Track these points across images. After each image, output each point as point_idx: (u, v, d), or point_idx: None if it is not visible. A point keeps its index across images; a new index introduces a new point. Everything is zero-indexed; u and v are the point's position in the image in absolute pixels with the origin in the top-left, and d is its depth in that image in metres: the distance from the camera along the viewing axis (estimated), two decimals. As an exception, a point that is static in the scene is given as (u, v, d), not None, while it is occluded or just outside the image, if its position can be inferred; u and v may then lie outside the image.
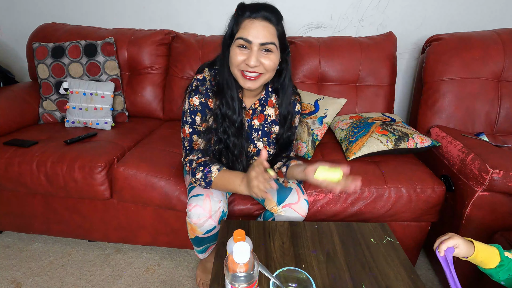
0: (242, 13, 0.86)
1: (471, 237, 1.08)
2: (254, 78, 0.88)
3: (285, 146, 1.06)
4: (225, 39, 0.90)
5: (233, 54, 0.87)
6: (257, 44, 0.84)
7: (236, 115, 0.94)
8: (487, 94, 1.41)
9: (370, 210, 1.15)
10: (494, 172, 0.99)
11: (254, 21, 0.84)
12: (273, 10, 0.87)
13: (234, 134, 0.97)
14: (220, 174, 0.91)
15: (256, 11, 0.84)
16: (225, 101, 0.93)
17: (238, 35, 0.85)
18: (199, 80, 0.94)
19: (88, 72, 1.59)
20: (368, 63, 1.56)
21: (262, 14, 0.84)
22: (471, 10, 1.67)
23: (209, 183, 0.93)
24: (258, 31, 0.84)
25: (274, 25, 0.86)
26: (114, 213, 1.32)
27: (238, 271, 0.60)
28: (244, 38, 0.84)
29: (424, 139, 1.25)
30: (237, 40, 0.85)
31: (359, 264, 0.80)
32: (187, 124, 0.97)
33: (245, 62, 0.86)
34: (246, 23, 0.85)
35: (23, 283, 1.27)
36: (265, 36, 0.84)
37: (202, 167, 0.93)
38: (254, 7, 0.85)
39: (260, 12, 0.84)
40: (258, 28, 0.84)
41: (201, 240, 1.03)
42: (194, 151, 0.97)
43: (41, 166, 1.25)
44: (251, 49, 0.85)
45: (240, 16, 0.86)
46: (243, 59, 0.86)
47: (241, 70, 0.88)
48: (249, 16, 0.85)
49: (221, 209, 0.97)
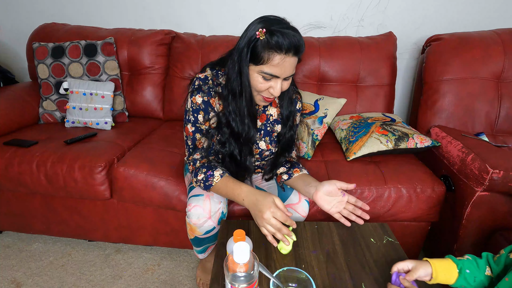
0: (270, 41, 0.77)
1: (470, 238, 1.10)
2: (272, 100, 0.91)
3: (287, 145, 1.06)
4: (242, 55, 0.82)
5: (257, 81, 0.85)
6: (283, 77, 0.84)
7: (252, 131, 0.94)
8: (487, 94, 1.41)
9: (370, 210, 1.14)
10: (494, 172, 0.99)
11: (285, 59, 0.79)
12: (302, 39, 0.81)
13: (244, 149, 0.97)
14: (223, 181, 0.90)
15: (289, 46, 0.77)
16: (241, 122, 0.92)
17: (266, 69, 0.81)
18: (201, 79, 0.94)
19: (88, 72, 1.59)
20: (368, 63, 1.56)
21: (294, 49, 0.79)
22: (471, 10, 1.67)
23: (209, 187, 0.92)
24: (287, 68, 0.82)
25: (299, 55, 0.83)
26: (114, 213, 1.32)
27: (238, 271, 0.60)
28: (273, 75, 0.82)
29: (424, 139, 1.25)
30: (263, 73, 0.82)
31: (359, 264, 0.80)
32: (189, 123, 0.96)
33: (269, 91, 0.86)
34: (276, 60, 0.79)
35: (23, 283, 1.27)
36: (291, 70, 0.83)
37: (205, 169, 0.92)
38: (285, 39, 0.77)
39: (292, 48, 0.78)
40: (288, 66, 0.81)
41: (201, 241, 1.03)
42: (197, 150, 0.97)
43: (41, 166, 1.25)
44: (276, 81, 0.84)
45: (267, 44, 0.78)
46: (267, 86, 0.85)
47: (261, 94, 0.88)
48: (280, 50, 0.78)
49: (221, 210, 0.97)
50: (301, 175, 1.00)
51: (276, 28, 0.78)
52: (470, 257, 0.71)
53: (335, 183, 0.88)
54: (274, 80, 0.84)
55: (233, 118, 0.92)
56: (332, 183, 0.88)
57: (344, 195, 0.89)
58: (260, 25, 0.79)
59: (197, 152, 0.97)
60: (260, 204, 0.81)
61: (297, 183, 0.99)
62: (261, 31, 0.78)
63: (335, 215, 0.90)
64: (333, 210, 0.90)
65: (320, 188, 0.89)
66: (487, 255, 0.71)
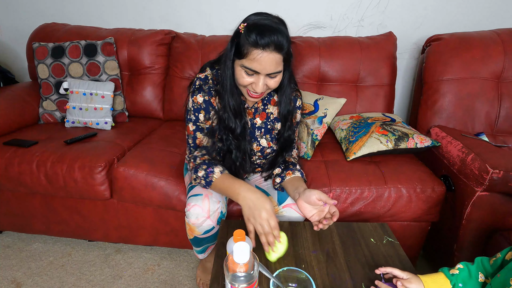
0: (249, 36, 0.78)
1: (471, 238, 1.10)
2: (258, 96, 0.90)
3: (286, 145, 1.06)
4: (229, 51, 0.85)
5: (239, 75, 0.85)
6: (264, 74, 0.83)
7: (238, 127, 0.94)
8: (487, 94, 1.41)
9: (370, 210, 1.15)
10: (494, 172, 0.99)
11: (263, 54, 0.79)
12: (283, 35, 0.79)
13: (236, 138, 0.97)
14: (222, 177, 0.91)
15: (266, 42, 0.77)
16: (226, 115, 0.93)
17: (246, 63, 0.81)
18: (202, 79, 0.95)
19: (88, 72, 1.59)
20: (368, 63, 1.56)
21: (272, 45, 0.78)
22: (471, 10, 1.67)
23: (209, 183, 0.92)
24: (266, 64, 0.80)
25: (282, 53, 0.81)
26: (114, 213, 1.32)
27: (238, 271, 0.60)
28: (253, 69, 0.82)
29: (424, 139, 1.25)
30: (244, 67, 0.82)
31: (359, 264, 0.80)
32: (191, 122, 0.97)
33: (252, 86, 0.86)
34: (254, 54, 0.79)
35: (23, 283, 1.27)
36: (271, 67, 0.81)
37: (206, 166, 0.93)
38: (263, 35, 0.77)
39: (270, 43, 0.77)
40: (267, 61, 0.80)
41: (200, 241, 1.03)
42: (198, 148, 0.98)
43: (41, 166, 1.25)
44: (258, 76, 0.84)
45: (247, 40, 0.79)
46: (250, 81, 0.85)
47: (247, 88, 0.88)
48: (257, 45, 0.78)
49: (220, 210, 0.97)
50: (291, 178, 1.00)
51: (255, 23, 0.80)
52: (463, 265, 0.70)
53: (315, 194, 0.85)
54: (256, 76, 0.84)
55: (223, 111, 0.93)
56: (312, 193, 0.85)
57: (325, 205, 0.87)
58: (245, 20, 0.82)
59: (197, 150, 0.97)
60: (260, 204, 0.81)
61: (287, 186, 0.99)
62: (242, 25, 0.81)
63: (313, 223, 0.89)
64: (313, 217, 0.88)
65: (302, 196, 0.88)
66: (481, 260, 0.70)
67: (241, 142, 0.98)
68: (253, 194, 0.83)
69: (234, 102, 0.92)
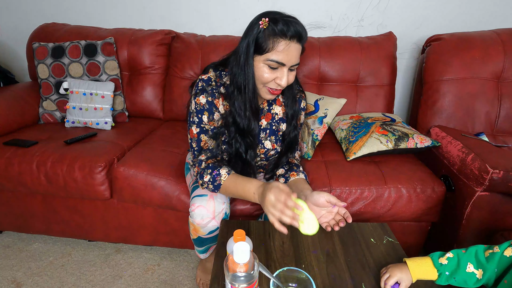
0: (274, 28, 0.80)
1: (471, 238, 1.10)
2: (278, 92, 0.90)
3: (291, 145, 1.05)
4: (248, 49, 0.84)
5: (262, 72, 0.85)
6: (289, 66, 0.84)
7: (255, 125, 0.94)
8: (487, 94, 1.41)
9: (370, 210, 1.15)
10: (494, 172, 0.99)
11: (290, 45, 0.81)
12: (303, 26, 0.83)
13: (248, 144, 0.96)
14: (231, 178, 0.89)
15: (293, 32, 0.80)
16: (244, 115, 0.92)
17: (272, 56, 0.82)
18: (204, 80, 0.94)
19: (88, 72, 1.59)
20: (368, 63, 1.56)
21: (297, 35, 0.81)
22: (471, 10, 1.67)
23: (218, 186, 0.90)
24: (293, 55, 0.82)
25: (302, 43, 0.84)
26: (114, 213, 1.32)
27: (238, 271, 0.60)
28: (280, 62, 0.82)
29: (424, 139, 1.25)
30: (270, 61, 0.82)
31: (359, 264, 0.80)
32: (194, 124, 0.94)
33: (276, 81, 0.86)
34: (281, 46, 0.81)
35: (23, 283, 1.27)
36: (297, 58, 0.84)
37: (210, 170, 0.91)
38: (289, 26, 0.79)
39: (295, 33, 0.80)
40: (294, 52, 0.82)
41: (204, 241, 1.03)
42: (203, 151, 0.96)
43: (41, 166, 1.25)
44: (282, 70, 0.84)
45: (272, 32, 0.80)
46: (273, 77, 0.85)
47: (267, 86, 0.88)
48: (284, 36, 0.80)
49: (224, 211, 0.97)
50: (296, 180, 0.99)
51: (278, 17, 0.81)
52: (453, 254, 0.70)
53: (324, 196, 0.84)
54: (280, 69, 0.84)
55: (238, 114, 0.92)
56: (321, 195, 0.84)
57: (334, 207, 0.86)
58: (262, 17, 0.82)
59: (202, 153, 0.95)
60: (266, 190, 0.78)
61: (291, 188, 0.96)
62: (264, 20, 0.81)
63: (322, 224, 0.88)
64: (321, 219, 0.88)
65: (310, 198, 0.86)
66: (475, 250, 0.69)
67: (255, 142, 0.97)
68: (262, 187, 0.81)
69: (256, 102, 0.92)
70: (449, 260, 0.69)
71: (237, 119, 0.92)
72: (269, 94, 0.90)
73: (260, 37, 0.82)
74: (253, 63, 0.86)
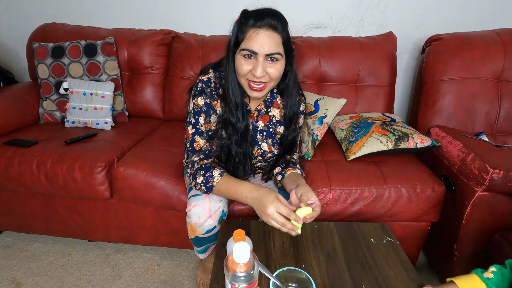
0: (246, 21, 0.82)
1: (471, 238, 1.10)
2: (260, 88, 0.88)
3: (289, 147, 1.05)
4: (230, 45, 0.87)
5: (239, 64, 0.86)
6: (263, 54, 0.83)
7: (240, 122, 0.94)
8: (487, 94, 1.41)
9: (370, 210, 1.15)
10: (494, 172, 0.99)
11: (259, 31, 0.81)
12: (278, 17, 0.84)
13: (237, 142, 0.96)
14: (224, 180, 0.89)
15: (261, 19, 0.81)
16: (228, 109, 0.92)
17: (243, 45, 0.83)
18: (204, 81, 0.94)
19: (88, 72, 1.59)
20: (368, 63, 1.56)
21: (267, 22, 0.81)
22: (471, 10, 1.67)
23: (211, 188, 0.91)
24: (263, 41, 0.81)
25: (279, 33, 0.83)
26: (114, 213, 1.32)
27: (238, 271, 0.60)
28: (249, 49, 0.82)
29: (424, 139, 1.25)
30: (242, 50, 0.83)
31: (359, 264, 0.80)
32: (190, 125, 0.96)
33: (251, 73, 0.85)
34: (250, 33, 0.82)
35: (23, 283, 1.27)
36: (270, 46, 0.82)
37: (203, 171, 0.91)
38: (259, 15, 0.82)
39: (264, 20, 0.81)
40: (263, 38, 0.81)
41: (201, 240, 1.03)
42: (196, 152, 0.96)
43: (41, 166, 1.25)
44: (257, 59, 0.84)
45: (244, 24, 0.83)
46: (249, 69, 0.85)
47: (247, 80, 0.88)
48: (253, 25, 0.82)
49: (221, 209, 0.97)
50: (291, 174, 0.99)
51: (251, 10, 0.85)
52: (496, 268, 0.70)
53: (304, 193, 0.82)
54: (255, 59, 0.84)
55: (228, 111, 0.92)
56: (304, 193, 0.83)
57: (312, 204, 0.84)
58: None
59: (195, 154, 0.96)
60: (264, 199, 0.79)
61: (286, 182, 0.98)
62: (238, 17, 0.85)
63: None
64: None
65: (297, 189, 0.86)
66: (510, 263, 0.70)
67: (243, 141, 0.97)
68: (257, 192, 0.82)
69: (236, 96, 0.91)
70: (494, 274, 0.69)
71: (228, 116, 0.93)
72: (249, 90, 0.89)
73: (237, 32, 0.85)
74: (235, 58, 0.88)
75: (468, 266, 1.14)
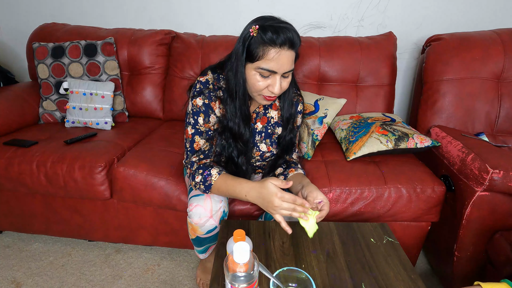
0: (263, 36, 0.79)
1: (471, 238, 1.09)
2: (273, 98, 0.90)
3: (287, 148, 1.06)
4: (239, 54, 0.84)
5: (255, 80, 0.85)
6: (282, 73, 0.83)
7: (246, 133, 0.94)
8: (487, 94, 1.41)
9: (370, 210, 1.15)
10: (494, 172, 0.99)
11: (281, 52, 0.80)
12: (296, 33, 0.81)
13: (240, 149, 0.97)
14: (222, 178, 0.89)
15: (283, 39, 0.78)
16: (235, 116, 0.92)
17: (262, 64, 0.81)
18: (202, 82, 0.94)
19: (88, 72, 1.59)
20: (368, 63, 1.56)
21: (288, 42, 0.79)
22: (471, 10, 1.67)
23: (209, 186, 0.91)
24: (284, 62, 0.81)
25: (295, 50, 0.83)
26: (114, 213, 1.32)
27: (238, 271, 0.60)
28: (271, 70, 0.81)
29: (424, 139, 1.25)
30: (260, 69, 0.82)
31: (359, 264, 0.80)
32: (189, 125, 0.96)
33: (268, 89, 0.85)
34: (271, 54, 0.79)
35: (23, 283, 1.27)
36: (289, 65, 0.82)
37: (202, 170, 0.92)
38: (279, 33, 0.78)
39: (286, 41, 0.79)
40: (284, 59, 0.81)
41: (202, 240, 1.03)
42: (195, 152, 0.97)
43: (41, 166, 1.25)
44: (274, 77, 0.83)
45: (261, 40, 0.79)
46: (266, 84, 0.85)
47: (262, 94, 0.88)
48: (274, 44, 0.79)
49: (222, 209, 0.97)
50: (295, 174, 0.99)
51: (268, 24, 0.80)
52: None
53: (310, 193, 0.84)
54: (273, 76, 0.84)
55: (230, 119, 0.93)
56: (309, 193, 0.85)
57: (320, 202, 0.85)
58: (253, 24, 0.82)
59: (194, 154, 0.96)
60: (266, 195, 0.79)
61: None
62: (254, 28, 0.80)
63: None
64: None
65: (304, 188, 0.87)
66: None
67: (247, 148, 0.98)
68: (256, 189, 0.82)
69: (246, 109, 0.92)
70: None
71: (229, 124, 0.93)
72: (264, 100, 0.90)
73: (251, 44, 0.81)
74: (245, 71, 0.86)
75: (468, 266, 1.14)
